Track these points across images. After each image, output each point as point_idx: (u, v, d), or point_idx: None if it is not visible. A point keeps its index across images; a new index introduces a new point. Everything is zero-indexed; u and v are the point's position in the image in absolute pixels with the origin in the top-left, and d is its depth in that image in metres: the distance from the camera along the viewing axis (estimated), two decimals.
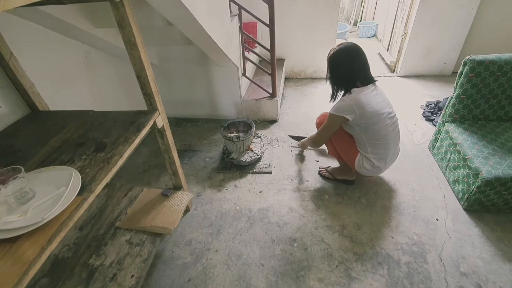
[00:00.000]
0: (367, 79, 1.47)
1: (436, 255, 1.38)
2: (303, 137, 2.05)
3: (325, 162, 2.00)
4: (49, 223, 0.75)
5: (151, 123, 1.18)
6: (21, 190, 0.79)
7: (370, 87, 1.46)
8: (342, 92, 1.54)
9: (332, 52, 1.49)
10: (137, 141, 1.07)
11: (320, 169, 1.92)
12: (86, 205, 0.82)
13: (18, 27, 1.32)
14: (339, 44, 1.48)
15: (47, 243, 0.71)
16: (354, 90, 1.46)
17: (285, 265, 1.38)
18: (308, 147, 2.02)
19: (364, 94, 1.43)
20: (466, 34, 2.90)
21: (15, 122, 1.23)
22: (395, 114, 1.54)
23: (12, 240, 0.71)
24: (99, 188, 0.86)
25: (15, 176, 0.78)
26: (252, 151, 2.05)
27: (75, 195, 0.80)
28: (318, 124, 1.81)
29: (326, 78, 1.58)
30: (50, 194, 0.81)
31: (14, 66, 1.18)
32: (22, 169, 0.79)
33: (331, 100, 1.58)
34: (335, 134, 1.65)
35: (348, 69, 1.45)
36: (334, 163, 1.94)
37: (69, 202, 0.78)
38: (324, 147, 2.04)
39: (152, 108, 1.23)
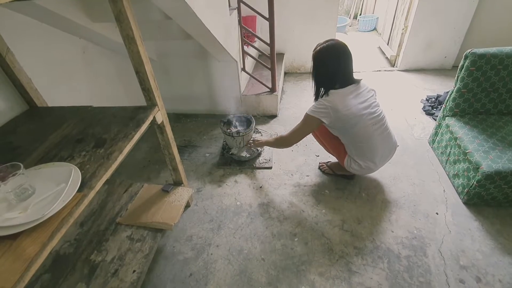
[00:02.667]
0: (347, 81, 1.43)
1: (436, 249, 1.39)
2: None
3: (325, 157, 1.99)
4: (50, 219, 0.74)
5: (150, 118, 1.17)
6: (20, 186, 0.79)
7: (350, 88, 1.42)
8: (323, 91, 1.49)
9: (318, 48, 1.42)
10: (136, 137, 1.06)
11: (320, 164, 1.92)
12: (86, 202, 0.82)
13: (15, 22, 1.30)
14: (326, 41, 1.41)
15: (48, 240, 0.70)
16: (331, 92, 1.41)
17: (286, 259, 1.39)
18: (268, 147, 1.80)
19: (341, 98, 1.40)
20: (467, 27, 2.87)
21: (13, 118, 1.22)
22: (379, 114, 1.47)
23: (12, 237, 0.71)
24: (99, 184, 0.86)
25: (15, 172, 0.78)
26: (250, 146, 2.00)
27: (75, 191, 0.80)
28: None
29: (311, 75, 1.52)
30: (50, 191, 0.80)
31: (11, 61, 1.17)
32: (21, 165, 0.79)
33: (315, 99, 1.53)
34: (325, 135, 1.65)
35: (330, 69, 1.41)
36: (334, 158, 1.94)
37: (69, 199, 0.78)
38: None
39: (151, 104, 1.22)
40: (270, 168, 1.95)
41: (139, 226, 1.35)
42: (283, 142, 1.65)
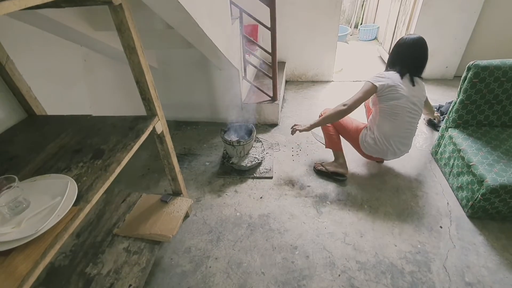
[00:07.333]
0: (415, 71, 1.63)
1: (440, 264, 1.35)
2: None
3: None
4: (44, 235, 0.72)
5: (150, 128, 1.15)
6: (15, 200, 0.76)
7: (410, 78, 1.60)
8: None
9: (410, 37, 1.64)
10: (135, 147, 1.04)
11: (315, 164, 1.98)
12: (82, 216, 0.79)
13: (15, 30, 1.29)
14: (410, 34, 1.65)
15: (41, 257, 0.68)
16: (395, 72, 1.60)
17: (287, 273, 1.35)
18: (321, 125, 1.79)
19: (399, 80, 1.57)
20: (468, 38, 2.88)
21: (11, 127, 1.20)
22: (418, 110, 1.62)
23: (5, 253, 0.68)
24: (96, 198, 0.84)
25: (9, 185, 0.76)
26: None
27: (71, 205, 0.78)
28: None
29: (391, 55, 1.71)
30: (45, 204, 0.78)
31: (10, 70, 1.15)
32: (16, 178, 0.76)
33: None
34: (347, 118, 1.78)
35: (401, 56, 1.62)
36: (328, 159, 2.00)
37: (65, 213, 0.76)
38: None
39: (151, 113, 1.20)
40: (271, 178, 1.93)
41: (137, 237, 1.32)
42: (342, 113, 1.61)
